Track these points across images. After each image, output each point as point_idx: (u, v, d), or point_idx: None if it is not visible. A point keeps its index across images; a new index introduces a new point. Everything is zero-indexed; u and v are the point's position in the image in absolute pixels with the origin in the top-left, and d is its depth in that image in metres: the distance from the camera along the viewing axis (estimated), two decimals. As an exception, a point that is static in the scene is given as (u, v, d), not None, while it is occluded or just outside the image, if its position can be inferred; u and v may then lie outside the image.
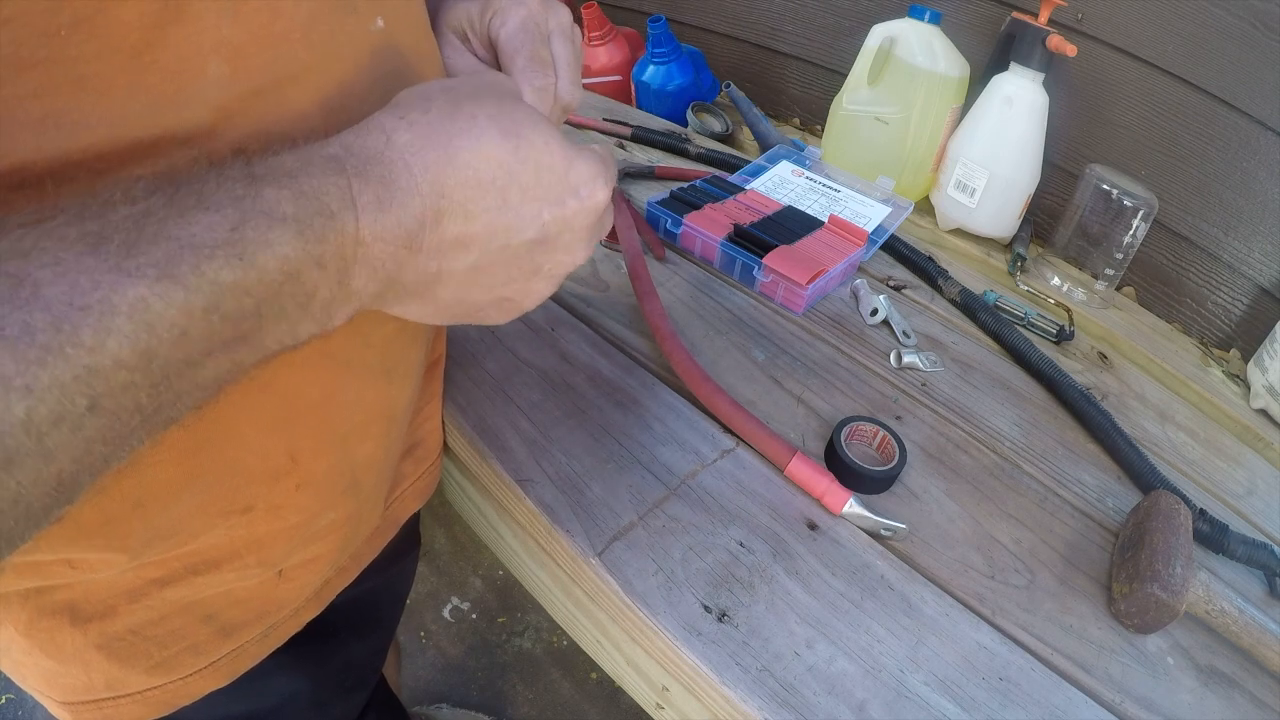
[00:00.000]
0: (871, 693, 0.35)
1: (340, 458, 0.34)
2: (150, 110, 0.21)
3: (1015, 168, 0.76)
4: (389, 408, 0.36)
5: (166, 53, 0.20)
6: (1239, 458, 0.60)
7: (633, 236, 0.63)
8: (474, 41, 0.36)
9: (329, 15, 0.25)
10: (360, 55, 0.27)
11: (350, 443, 0.35)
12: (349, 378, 0.32)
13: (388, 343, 0.34)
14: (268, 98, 0.24)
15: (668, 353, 0.52)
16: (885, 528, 0.43)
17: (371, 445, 0.36)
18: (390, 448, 0.39)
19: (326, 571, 0.39)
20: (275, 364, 0.22)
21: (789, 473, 0.45)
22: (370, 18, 0.27)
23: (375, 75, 0.28)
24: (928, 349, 0.62)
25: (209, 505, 0.30)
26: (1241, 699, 0.39)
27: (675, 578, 0.38)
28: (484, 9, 0.35)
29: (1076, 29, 0.76)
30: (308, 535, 0.35)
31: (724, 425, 0.48)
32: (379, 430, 0.36)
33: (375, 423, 0.36)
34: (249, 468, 0.30)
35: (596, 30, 1.06)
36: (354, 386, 0.33)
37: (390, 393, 0.36)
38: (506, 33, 0.34)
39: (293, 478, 0.32)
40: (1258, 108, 0.67)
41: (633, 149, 0.92)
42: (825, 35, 1.00)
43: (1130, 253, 0.73)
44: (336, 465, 0.34)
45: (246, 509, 0.31)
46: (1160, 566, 0.39)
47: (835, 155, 0.88)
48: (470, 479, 0.48)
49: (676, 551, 0.40)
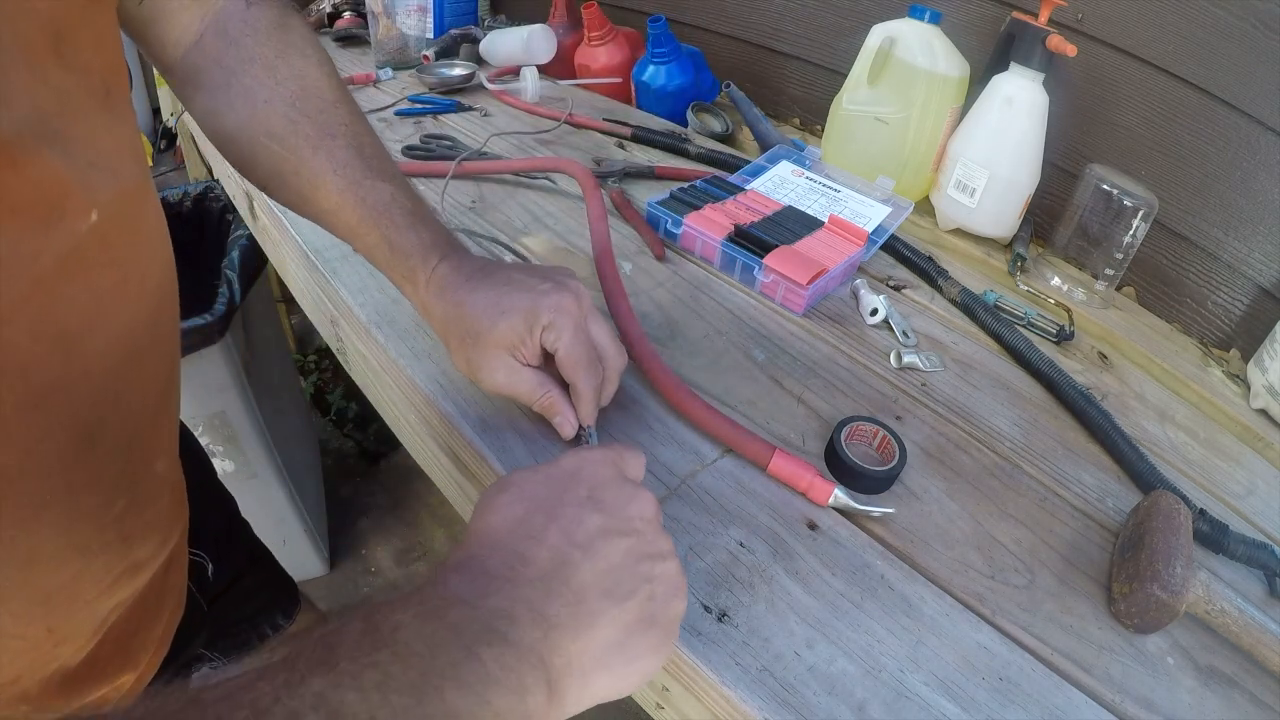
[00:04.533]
0: (871, 693, 0.35)
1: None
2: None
3: (1015, 168, 0.76)
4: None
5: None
6: (1239, 458, 0.60)
7: (603, 230, 0.61)
8: (524, 354, 0.41)
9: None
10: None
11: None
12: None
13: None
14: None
15: (638, 357, 0.50)
16: (873, 514, 0.43)
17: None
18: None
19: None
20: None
21: (771, 470, 0.45)
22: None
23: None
24: (928, 349, 0.62)
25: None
26: (1241, 699, 0.39)
27: (675, 578, 0.38)
28: (531, 326, 0.40)
29: (1076, 29, 0.76)
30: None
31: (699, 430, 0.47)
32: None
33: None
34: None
35: (596, 30, 1.06)
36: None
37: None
38: (564, 346, 0.41)
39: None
40: (1258, 108, 0.67)
41: (633, 149, 0.92)
42: (825, 35, 1.00)
43: (1130, 253, 0.72)
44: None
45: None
46: (1160, 566, 0.39)
47: (835, 155, 0.88)
48: (470, 479, 0.48)
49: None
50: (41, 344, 0.28)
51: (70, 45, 0.29)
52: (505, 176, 0.77)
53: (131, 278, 0.33)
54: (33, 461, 0.28)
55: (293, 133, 0.43)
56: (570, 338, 0.40)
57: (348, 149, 0.43)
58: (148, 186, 0.35)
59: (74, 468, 0.30)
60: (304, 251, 0.61)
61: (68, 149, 0.28)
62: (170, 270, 0.38)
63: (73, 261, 0.28)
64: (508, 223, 0.69)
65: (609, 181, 0.79)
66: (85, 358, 0.30)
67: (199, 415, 1.04)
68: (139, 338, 0.34)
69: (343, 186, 0.43)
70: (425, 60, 1.08)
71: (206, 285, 0.98)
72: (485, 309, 0.41)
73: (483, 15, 1.30)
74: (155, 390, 0.37)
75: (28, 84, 0.26)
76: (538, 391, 0.42)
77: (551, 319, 0.40)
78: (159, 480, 0.39)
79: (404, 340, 0.52)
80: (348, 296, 0.56)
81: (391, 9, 1.09)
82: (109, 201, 0.30)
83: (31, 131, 0.26)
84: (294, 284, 0.71)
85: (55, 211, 0.27)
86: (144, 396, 0.35)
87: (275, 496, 1.20)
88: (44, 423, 0.28)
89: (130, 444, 0.34)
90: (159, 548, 0.40)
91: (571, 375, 0.42)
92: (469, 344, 0.42)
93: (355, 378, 0.63)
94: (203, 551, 0.57)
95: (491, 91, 1.02)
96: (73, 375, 0.29)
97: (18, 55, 0.26)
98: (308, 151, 0.43)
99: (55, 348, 0.28)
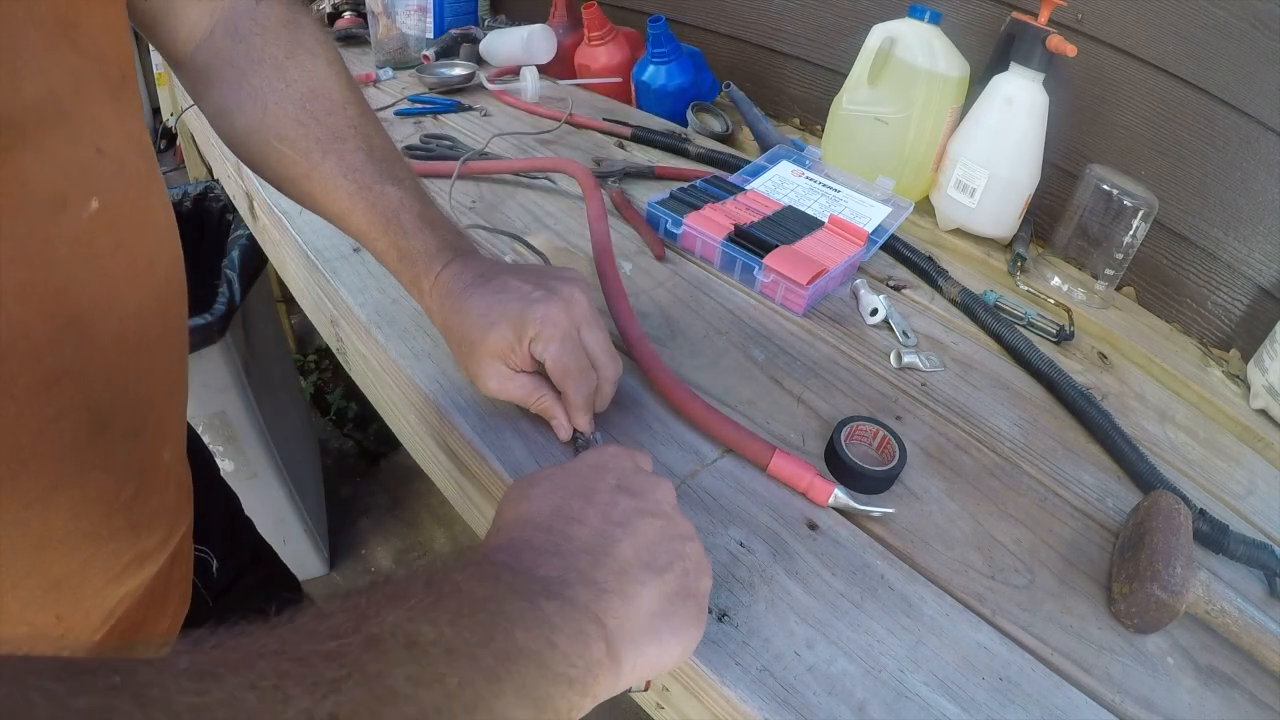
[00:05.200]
0: (871, 693, 0.35)
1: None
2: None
3: (1015, 168, 0.76)
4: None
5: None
6: (1239, 458, 0.60)
7: (603, 229, 0.61)
8: (516, 361, 0.42)
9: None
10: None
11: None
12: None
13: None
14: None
15: (638, 358, 0.51)
16: (874, 514, 0.44)
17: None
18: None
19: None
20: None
21: (772, 470, 0.45)
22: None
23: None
24: (928, 349, 0.62)
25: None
26: (1241, 699, 0.39)
27: (675, 578, 0.38)
28: (519, 335, 0.41)
29: (1076, 29, 0.76)
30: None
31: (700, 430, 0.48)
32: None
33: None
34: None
35: (596, 30, 1.06)
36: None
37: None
38: (552, 356, 0.41)
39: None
40: (1258, 108, 0.67)
41: (633, 149, 0.92)
42: (825, 35, 1.00)
43: (1130, 253, 0.73)
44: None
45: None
46: (1160, 566, 0.39)
47: (835, 155, 0.88)
48: (470, 479, 0.48)
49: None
50: (54, 326, 0.28)
51: (83, 30, 0.29)
52: (505, 176, 0.77)
53: (140, 264, 0.33)
54: (45, 443, 0.29)
55: (303, 136, 0.43)
56: (557, 348, 0.41)
57: (358, 152, 0.44)
58: (155, 178, 0.35)
59: (85, 450, 0.31)
60: (304, 251, 0.61)
61: (77, 132, 0.28)
62: (178, 264, 0.38)
63: (83, 245, 0.29)
64: (508, 223, 0.69)
65: (609, 181, 0.79)
66: (97, 342, 0.30)
67: (199, 415, 1.04)
68: (148, 326, 0.34)
69: (353, 191, 0.43)
70: (425, 60, 1.08)
71: (206, 285, 0.98)
72: (478, 318, 0.42)
73: (483, 15, 1.30)
74: (164, 381, 0.37)
75: (42, 63, 0.26)
76: (532, 396, 0.43)
77: (538, 330, 0.41)
78: (166, 470, 0.39)
79: (404, 340, 0.52)
80: (348, 296, 0.56)
81: (391, 9, 1.09)
82: (113, 189, 0.30)
83: (43, 111, 0.26)
84: (294, 284, 0.71)
85: (60, 196, 0.27)
86: (152, 386, 0.35)
87: (275, 496, 1.20)
88: (56, 404, 0.29)
89: (139, 431, 0.35)
90: (165, 538, 0.40)
91: (561, 384, 0.42)
92: (465, 351, 0.43)
93: (355, 378, 0.63)
94: (207, 548, 0.57)
95: (491, 91, 1.02)
96: (84, 359, 0.29)
97: (33, 33, 0.26)
98: (318, 156, 0.43)
99: (67, 331, 0.28)
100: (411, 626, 0.21)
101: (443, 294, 0.43)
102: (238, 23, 0.43)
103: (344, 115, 0.44)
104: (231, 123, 0.44)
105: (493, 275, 0.43)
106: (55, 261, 0.27)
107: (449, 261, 0.44)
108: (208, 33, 0.43)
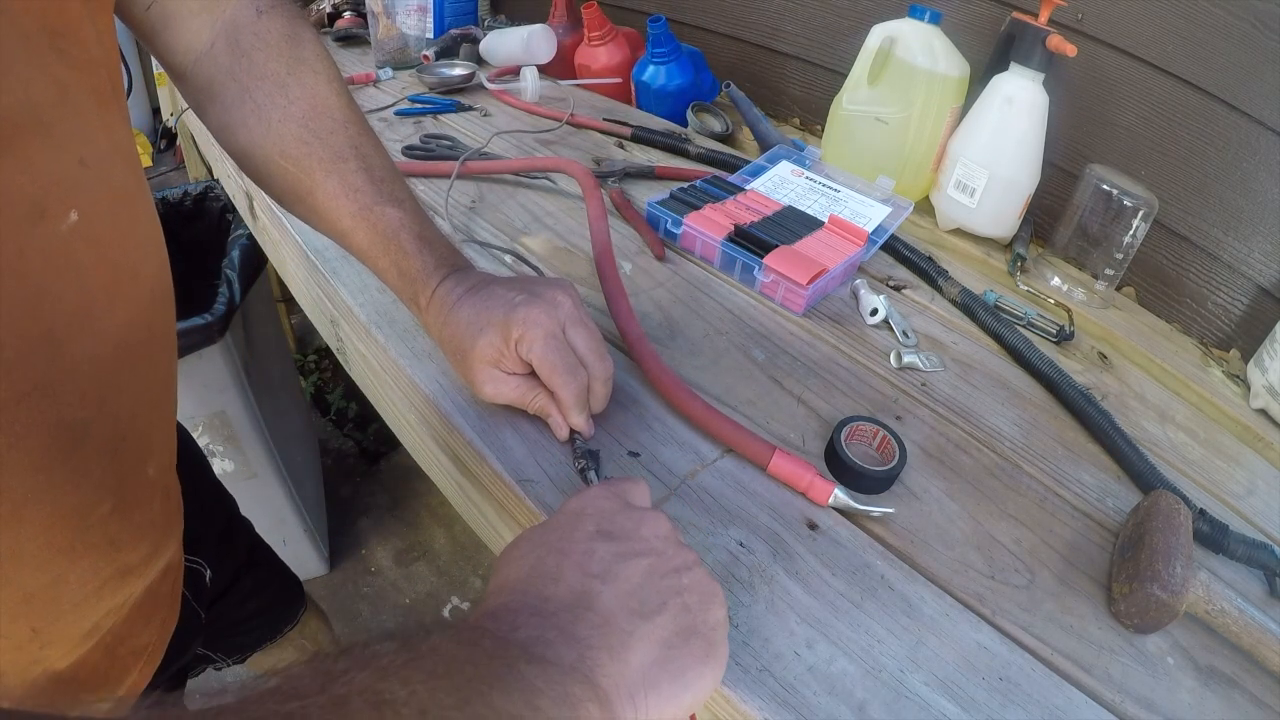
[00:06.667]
0: (871, 693, 0.35)
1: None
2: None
3: (1015, 168, 0.76)
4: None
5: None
6: (1239, 458, 0.60)
7: (603, 229, 0.61)
8: (507, 365, 0.43)
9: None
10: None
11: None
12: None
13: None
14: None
15: (638, 358, 0.51)
16: (873, 514, 0.44)
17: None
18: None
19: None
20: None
21: (772, 470, 0.45)
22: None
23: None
24: (928, 349, 0.62)
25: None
26: (1241, 699, 0.39)
27: (675, 578, 0.38)
28: (506, 339, 0.41)
29: (1076, 29, 0.76)
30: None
31: (700, 430, 0.48)
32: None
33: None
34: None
35: (596, 30, 1.06)
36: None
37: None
38: (537, 355, 0.41)
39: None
40: (1258, 108, 0.67)
41: (633, 149, 0.92)
42: (825, 35, 1.00)
43: (1130, 253, 0.73)
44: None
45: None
46: (1160, 566, 0.39)
47: (835, 155, 0.88)
48: (470, 479, 0.48)
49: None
50: (25, 340, 0.27)
51: (71, 40, 0.29)
52: (505, 176, 0.77)
53: (123, 276, 0.32)
54: (14, 457, 0.28)
55: (306, 154, 0.44)
56: (542, 346, 0.41)
57: (358, 172, 0.44)
58: (141, 190, 0.35)
59: (57, 466, 0.30)
60: (304, 251, 0.61)
61: (58, 143, 0.28)
62: (165, 275, 0.38)
63: (60, 257, 0.28)
64: (508, 223, 0.69)
65: (609, 181, 0.79)
66: (72, 356, 0.30)
67: (199, 415, 1.04)
68: (131, 340, 0.34)
69: (354, 211, 0.44)
70: (425, 60, 1.08)
71: (206, 285, 0.98)
72: (467, 327, 0.43)
73: (483, 15, 1.30)
74: (148, 393, 0.37)
75: (24, 73, 0.26)
76: (526, 397, 0.44)
77: (522, 331, 0.41)
78: (150, 484, 0.39)
79: (404, 340, 0.52)
80: (348, 296, 0.56)
81: (391, 9, 1.09)
82: (96, 201, 0.30)
83: (20, 120, 0.26)
84: (294, 284, 0.71)
85: (36, 207, 0.27)
86: (135, 399, 0.35)
87: (275, 496, 1.20)
88: (26, 419, 0.28)
89: (119, 446, 0.34)
90: (151, 553, 0.40)
91: (549, 383, 0.43)
92: (459, 360, 0.44)
93: (355, 378, 0.63)
94: (200, 558, 0.57)
95: (491, 91, 1.02)
96: (57, 373, 0.29)
97: (16, 43, 0.26)
98: (320, 175, 0.44)
99: (39, 345, 0.28)
100: (381, 685, 0.20)
101: (438, 308, 0.44)
102: (239, 36, 0.43)
103: (345, 134, 0.45)
104: (234, 137, 0.45)
105: (482, 286, 0.44)
106: (28, 273, 0.27)
107: (444, 277, 0.45)
108: (209, 45, 0.43)
